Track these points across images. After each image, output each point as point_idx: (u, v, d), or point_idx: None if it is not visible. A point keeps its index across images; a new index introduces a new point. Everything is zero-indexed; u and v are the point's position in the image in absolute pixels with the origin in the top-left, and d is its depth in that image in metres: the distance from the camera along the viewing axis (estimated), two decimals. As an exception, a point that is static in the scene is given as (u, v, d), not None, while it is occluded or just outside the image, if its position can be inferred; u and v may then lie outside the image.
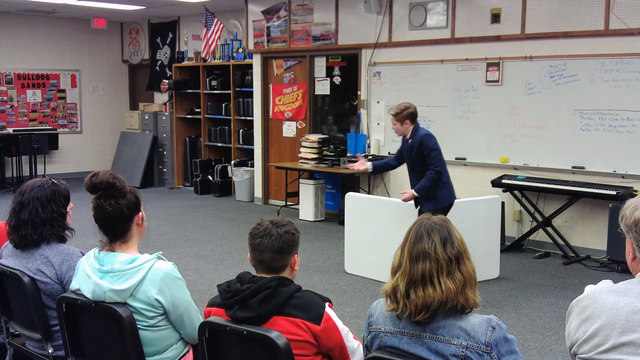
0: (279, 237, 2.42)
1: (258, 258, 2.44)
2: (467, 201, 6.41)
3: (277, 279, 2.37)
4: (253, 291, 2.32)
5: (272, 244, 2.41)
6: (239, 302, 2.33)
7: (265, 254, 2.42)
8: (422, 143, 5.43)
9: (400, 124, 5.47)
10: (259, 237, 2.44)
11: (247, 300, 2.32)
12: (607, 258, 6.53)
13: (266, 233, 2.43)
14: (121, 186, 2.63)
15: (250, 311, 2.31)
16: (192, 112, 11.60)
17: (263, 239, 2.42)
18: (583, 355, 1.89)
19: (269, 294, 2.31)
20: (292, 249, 2.47)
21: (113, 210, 2.60)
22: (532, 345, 4.60)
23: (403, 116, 5.44)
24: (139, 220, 2.69)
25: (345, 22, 8.78)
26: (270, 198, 10.18)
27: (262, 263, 2.44)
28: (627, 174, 6.60)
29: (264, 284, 2.33)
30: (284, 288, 2.35)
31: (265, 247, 2.41)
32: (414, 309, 2.04)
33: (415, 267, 2.07)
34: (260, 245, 2.42)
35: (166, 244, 7.47)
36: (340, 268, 6.47)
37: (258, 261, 2.45)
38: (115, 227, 2.63)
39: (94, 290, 2.55)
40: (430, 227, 2.11)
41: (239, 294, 2.33)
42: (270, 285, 2.33)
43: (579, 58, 6.81)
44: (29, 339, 3.09)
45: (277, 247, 2.42)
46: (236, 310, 2.33)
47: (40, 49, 12.43)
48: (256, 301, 2.31)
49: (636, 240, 1.92)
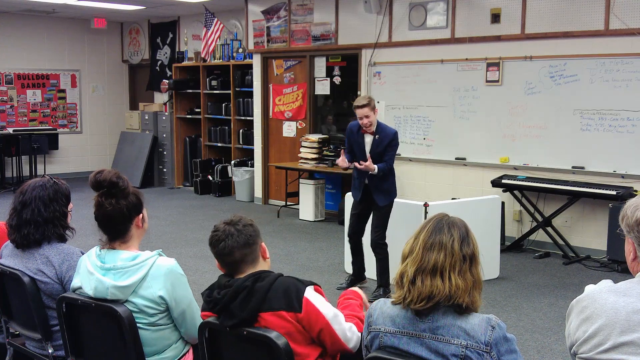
0: (240, 233, 2.40)
1: (228, 261, 2.41)
2: (467, 201, 6.41)
3: (252, 276, 2.35)
4: (231, 296, 2.30)
5: (237, 241, 2.39)
6: (222, 310, 2.32)
7: (235, 254, 2.39)
8: (394, 139, 5.43)
9: (374, 113, 5.43)
10: (221, 241, 2.40)
11: (229, 305, 2.30)
12: (607, 258, 6.54)
13: (226, 235, 2.40)
14: (124, 186, 2.63)
15: (234, 317, 2.29)
16: (192, 112, 11.60)
17: (226, 241, 2.39)
18: (583, 355, 1.89)
19: (246, 295, 2.29)
20: (256, 239, 2.45)
21: (113, 210, 2.60)
22: (532, 345, 4.60)
23: (374, 104, 5.41)
24: (139, 222, 2.69)
25: (345, 22, 8.78)
26: (270, 198, 10.18)
27: (234, 264, 2.41)
28: (627, 174, 6.60)
29: (239, 286, 2.31)
30: (260, 283, 2.32)
31: (231, 248, 2.39)
32: (417, 296, 2.03)
33: (427, 256, 2.06)
34: (225, 248, 2.39)
35: (166, 244, 7.47)
36: (340, 268, 6.47)
37: (230, 264, 2.41)
38: (114, 227, 2.64)
39: (96, 287, 2.55)
40: (452, 223, 2.12)
41: (219, 302, 2.32)
42: (246, 285, 2.31)
43: (579, 58, 6.80)
44: (29, 339, 3.09)
45: (242, 242, 2.39)
46: (223, 319, 2.32)
47: (40, 49, 12.43)
48: (237, 305, 2.29)
49: (637, 240, 1.92)
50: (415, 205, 5.72)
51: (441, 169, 7.99)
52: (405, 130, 8.28)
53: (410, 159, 8.27)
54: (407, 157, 8.29)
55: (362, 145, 5.53)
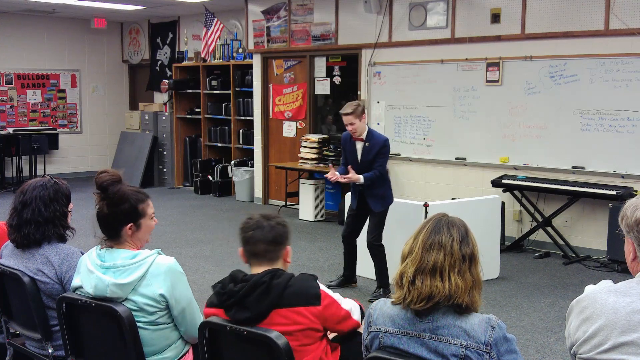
0: (271, 229, 2.46)
1: (251, 250, 2.45)
2: (467, 201, 6.42)
3: (270, 272, 2.38)
4: (248, 290, 2.32)
5: (265, 235, 2.44)
6: (235, 303, 2.33)
7: (259, 246, 2.43)
8: (384, 146, 5.43)
9: (359, 120, 5.39)
10: (250, 229, 2.46)
11: (244, 299, 2.32)
12: (607, 258, 6.54)
13: (258, 226, 2.46)
14: (113, 193, 2.63)
15: (248, 311, 2.31)
16: (192, 112, 11.60)
17: (255, 231, 2.45)
18: (583, 355, 1.89)
19: (264, 290, 2.32)
20: (284, 240, 2.50)
21: (104, 213, 2.65)
22: (532, 345, 4.60)
23: (360, 111, 5.36)
24: (130, 230, 2.67)
25: (345, 22, 8.78)
26: (270, 198, 10.18)
27: (255, 255, 2.45)
28: (627, 174, 6.60)
29: (257, 281, 2.34)
30: (277, 280, 2.35)
31: (258, 239, 2.43)
32: (417, 296, 2.03)
33: (427, 256, 2.06)
34: (252, 237, 2.44)
35: (166, 244, 7.47)
36: (340, 268, 6.45)
37: (251, 254, 2.46)
38: (103, 228, 2.68)
39: (96, 285, 2.56)
40: (451, 222, 2.13)
41: (235, 295, 2.33)
42: (264, 281, 2.33)
43: (579, 58, 6.80)
44: (29, 339, 3.09)
45: (270, 238, 2.44)
46: (235, 313, 2.33)
47: (40, 49, 12.43)
48: (253, 299, 2.31)
49: (637, 240, 1.92)
50: (415, 205, 5.72)
51: (441, 169, 7.99)
52: (405, 130, 8.28)
53: (410, 159, 8.27)
54: (407, 157, 8.29)
55: (354, 152, 5.56)
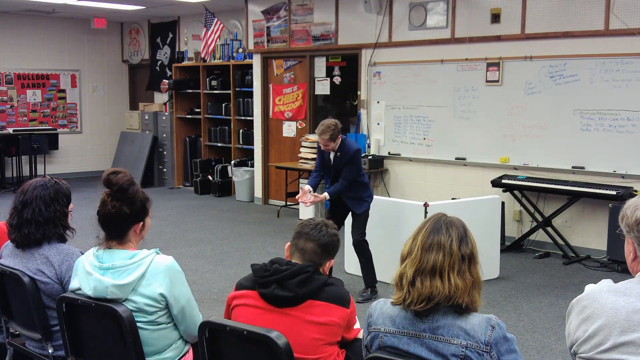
0: (328, 236, 2.58)
1: (300, 246, 2.55)
2: (467, 201, 6.42)
3: (314, 266, 2.49)
4: (292, 272, 2.42)
5: (320, 238, 2.55)
6: (277, 281, 2.42)
7: (309, 244, 2.54)
8: (353, 156, 5.49)
9: (334, 142, 5.48)
10: (309, 228, 2.57)
11: (285, 281, 2.42)
12: (607, 258, 6.54)
13: (318, 228, 2.58)
14: (132, 195, 2.65)
15: (289, 291, 2.41)
16: (192, 112, 11.60)
17: (313, 230, 2.56)
18: (583, 354, 1.89)
19: (306, 277, 2.42)
20: (332, 251, 2.61)
21: (115, 212, 2.62)
22: (532, 345, 4.61)
23: (335, 134, 5.45)
24: (138, 228, 2.71)
25: (345, 22, 8.78)
26: (270, 198, 10.18)
27: (302, 252, 2.55)
28: (627, 174, 6.60)
29: (302, 268, 2.45)
30: (319, 275, 2.48)
31: (312, 238, 2.55)
32: (417, 297, 2.03)
33: (426, 257, 2.06)
34: (308, 235, 2.55)
35: (166, 244, 7.47)
36: (340, 268, 6.47)
37: (299, 249, 2.56)
38: (112, 227, 2.66)
39: (95, 286, 2.56)
40: (450, 222, 2.13)
41: (278, 273, 2.43)
42: (309, 270, 2.44)
43: (579, 58, 6.81)
44: (29, 339, 3.09)
45: (323, 242, 2.55)
46: (274, 289, 2.42)
47: (40, 49, 12.43)
48: (295, 282, 2.41)
49: (637, 240, 1.92)
50: (415, 205, 5.73)
51: (441, 169, 7.99)
52: (405, 130, 8.28)
53: (410, 159, 8.27)
54: (407, 157, 8.29)
55: (328, 161, 5.67)
